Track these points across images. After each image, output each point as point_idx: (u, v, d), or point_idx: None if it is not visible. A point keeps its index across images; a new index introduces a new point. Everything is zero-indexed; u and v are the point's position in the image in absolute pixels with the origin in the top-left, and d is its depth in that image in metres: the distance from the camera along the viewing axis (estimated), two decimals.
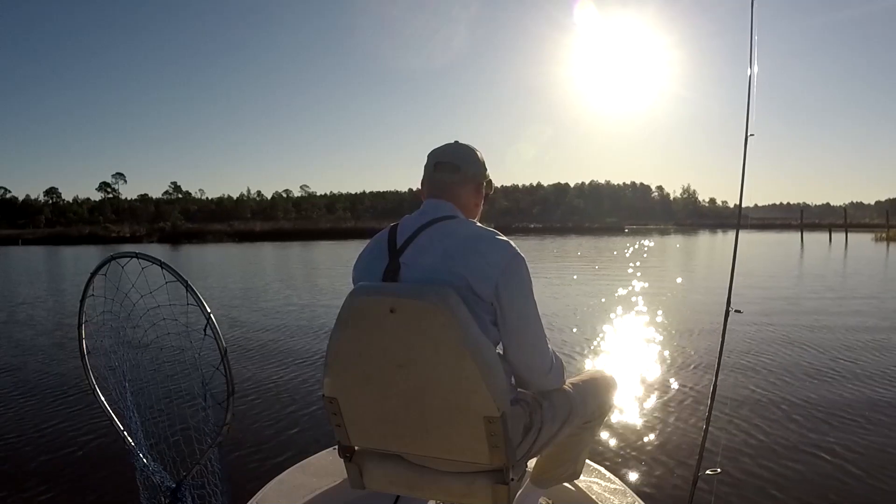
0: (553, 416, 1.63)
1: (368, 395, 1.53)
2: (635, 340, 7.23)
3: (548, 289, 12.71)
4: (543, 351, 1.54)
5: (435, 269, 1.45)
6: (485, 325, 1.44)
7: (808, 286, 13.21)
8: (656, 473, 3.37)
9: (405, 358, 1.43)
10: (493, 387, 1.38)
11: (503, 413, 1.40)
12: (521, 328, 1.48)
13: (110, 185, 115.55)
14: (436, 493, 1.61)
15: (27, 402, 4.89)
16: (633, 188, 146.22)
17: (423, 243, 1.51)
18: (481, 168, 1.71)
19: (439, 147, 1.71)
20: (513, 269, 1.46)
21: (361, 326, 1.44)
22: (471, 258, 1.44)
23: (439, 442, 1.53)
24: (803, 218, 57.92)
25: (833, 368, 5.64)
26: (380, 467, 1.65)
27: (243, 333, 7.84)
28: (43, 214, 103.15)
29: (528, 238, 47.20)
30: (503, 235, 1.52)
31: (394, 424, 1.55)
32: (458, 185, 1.65)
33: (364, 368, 1.48)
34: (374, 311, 1.41)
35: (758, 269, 16.32)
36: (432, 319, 1.35)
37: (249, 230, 60.97)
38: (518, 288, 1.47)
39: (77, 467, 3.52)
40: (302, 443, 3.85)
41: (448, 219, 1.56)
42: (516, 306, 1.46)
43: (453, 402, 1.43)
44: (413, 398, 1.47)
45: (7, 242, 51.47)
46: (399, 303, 1.38)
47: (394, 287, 1.46)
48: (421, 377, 1.43)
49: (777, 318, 8.55)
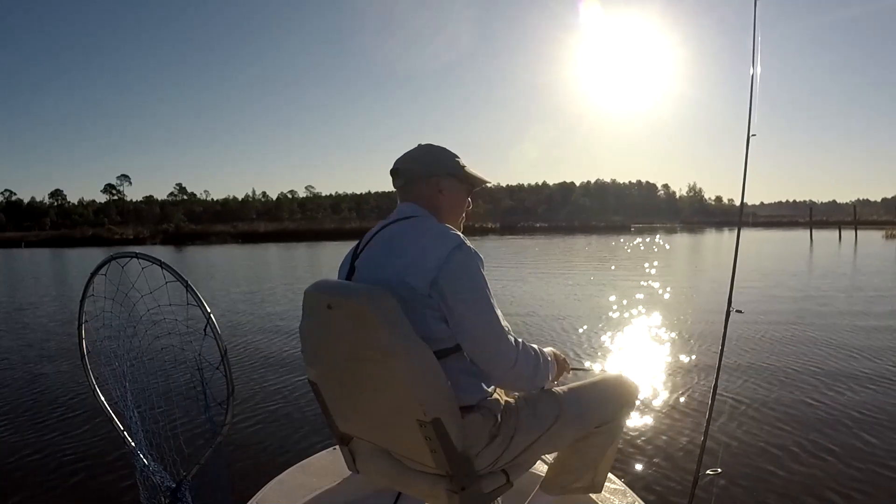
0: (531, 424, 1.56)
1: (335, 384, 1.59)
2: (637, 340, 7.22)
3: (561, 289, 12.70)
4: (500, 344, 1.46)
5: (379, 268, 1.50)
6: (427, 324, 1.41)
7: (818, 285, 13.14)
8: (656, 473, 3.36)
9: (347, 352, 1.47)
10: (420, 391, 1.35)
11: (436, 419, 1.36)
12: (472, 322, 1.43)
13: (115, 187, 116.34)
14: (411, 490, 1.62)
15: (27, 402, 4.90)
16: (638, 187, 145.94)
17: (375, 244, 1.57)
18: (426, 167, 1.65)
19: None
20: (456, 261, 1.41)
21: (310, 319, 1.54)
22: (411, 255, 1.44)
23: (396, 439, 1.55)
24: (812, 216, 57.31)
25: (834, 369, 5.62)
26: (370, 456, 1.69)
27: (243, 333, 7.85)
28: (48, 217, 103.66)
29: (535, 237, 47.05)
30: (457, 233, 1.49)
31: (361, 414, 1.60)
32: (408, 188, 1.66)
33: (323, 357, 1.57)
34: (315, 305, 1.50)
35: (767, 268, 16.28)
36: (358, 318, 1.38)
37: (253, 231, 61.10)
38: (462, 280, 1.42)
39: (77, 467, 3.53)
40: (302, 443, 3.85)
41: (407, 219, 1.57)
42: (462, 300, 1.41)
43: (390, 401, 1.43)
44: (363, 391, 1.50)
45: (10, 245, 51.61)
46: (334, 300, 1.44)
47: (331, 284, 1.52)
48: (362, 372, 1.46)
49: (779, 317, 8.52)
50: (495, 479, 1.52)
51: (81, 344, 2.32)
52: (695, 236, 49.07)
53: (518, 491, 1.88)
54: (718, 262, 21.00)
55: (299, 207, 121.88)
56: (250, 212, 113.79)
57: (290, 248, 38.21)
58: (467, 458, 1.43)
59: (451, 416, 1.39)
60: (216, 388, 2.03)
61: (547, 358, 1.61)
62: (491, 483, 1.50)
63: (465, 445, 1.43)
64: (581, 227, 72.35)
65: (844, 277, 14.69)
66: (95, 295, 2.18)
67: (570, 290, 12.54)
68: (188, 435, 2.24)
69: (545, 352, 1.63)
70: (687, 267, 19.83)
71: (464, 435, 1.42)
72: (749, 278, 13.36)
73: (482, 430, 1.47)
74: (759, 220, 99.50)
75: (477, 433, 1.46)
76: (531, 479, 1.93)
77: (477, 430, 1.46)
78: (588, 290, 12.46)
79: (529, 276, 15.84)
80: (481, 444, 1.47)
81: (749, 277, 13.57)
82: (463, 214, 1.74)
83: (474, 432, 1.45)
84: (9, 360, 6.46)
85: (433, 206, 1.63)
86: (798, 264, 18.99)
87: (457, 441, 1.40)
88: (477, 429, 1.46)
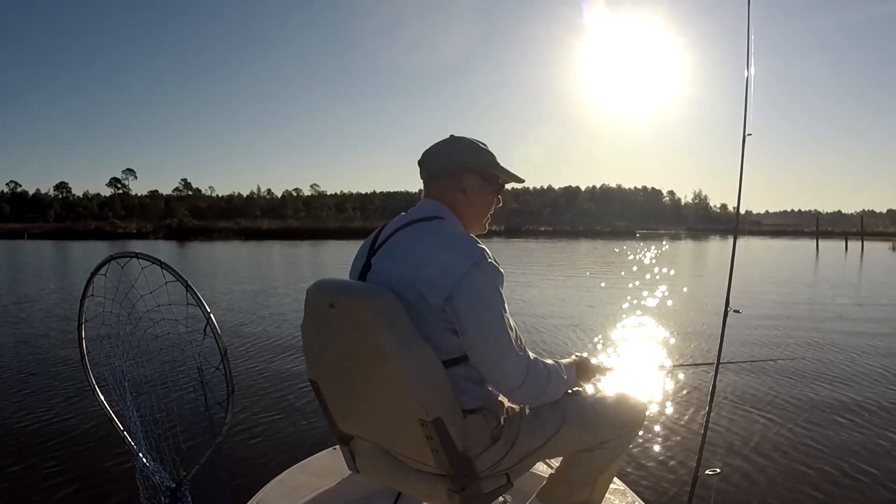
0: (534, 430, 1.54)
1: (335, 383, 1.59)
2: (639, 340, 7.22)
3: (573, 293, 12.69)
4: (509, 366, 1.41)
5: (394, 271, 1.46)
6: (437, 334, 1.40)
7: (823, 291, 13.13)
8: (656, 473, 3.36)
9: (347, 351, 1.47)
10: (421, 391, 1.35)
11: (438, 418, 1.36)
12: (481, 342, 1.39)
13: (120, 181, 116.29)
14: (411, 490, 1.62)
15: (27, 402, 4.89)
16: (644, 192, 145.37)
17: (391, 245, 1.52)
18: (449, 162, 1.57)
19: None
20: (471, 279, 1.37)
21: (312, 318, 1.55)
22: (427, 266, 1.40)
23: (396, 439, 1.55)
24: (818, 225, 56.81)
25: (834, 369, 5.61)
26: (369, 455, 1.69)
27: (244, 333, 7.84)
28: (52, 209, 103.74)
29: (539, 240, 46.78)
30: (480, 246, 1.43)
31: (361, 414, 1.59)
32: (430, 183, 1.60)
33: (324, 356, 1.57)
34: (317, 304, 1.50)
35: (771, 275, 16.26)
36: (360, 318, 1.38)
37: (256, 228, 60.85)
38: (475, 300, 1.37)
39: (77, 467, 3.53)
40: (302, 443, 3.85)
41: (427, 220, 1.52)
42: (473, 319, 1.38)
43: (390, 401, 1.43)
44: (363, 390, 1.50)
45: (13, 236, 51.65)
46: (336, 299, 1.44)
47: (333, 283, 1.51)
48: (363, 372, 1.46)
49: (780, 320, 8.52)
50: (496, 481, 1.51)
51: (81, 344, 2.32)
52: (700, 243, 48.91)
53: (518, 491, 1.88)
54: (723, 269, 20.82)
55: (304, 206, 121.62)
56: (255, 209, 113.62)
57: (294, 245, 38.16)
58: (468, 458, 1.43)
59: (453, 416, 1.39)
60: (216, 388, 2.03)
61: (561, 375, 1.56)
62: (491, 484, 1.50)
63: (466, 446, 1.42)
64: (586, 232, 72.04)
65: (852, 287, 14.71)
66: (95, 295, 2.18)
67: (582, 295, 12.54)
68: (188, 435, 2.23)
69: (563, 364, 1.59)
70: (691, 272, 19.79)
71: (465, 435, 1.42)
72: (751, 284, 13.36)
73: (484, 432, 1.46)
74: (763, 228, 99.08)
75: (478, 434, 1.45)
76: (532, 480, 1.92)
77: (478, 432, 1.45)
78: (599, 295, 12.45)
79: (539, 281, 15.84)
80: (483, 445, 1.46)
81: (751, 283, 13.57)
82: (489, 215, 1.66)
83: (476, 433, 1.44)
84: (8, 361, 6.46)
85: (455, 206, 1.57)
86: (803, 272, 18.96)
87: (458, 441, 1.40)
88: (478, 430, 1.45)
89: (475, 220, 1.62)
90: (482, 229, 1.66)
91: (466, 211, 1.59)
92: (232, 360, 1.95)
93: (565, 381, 1.57)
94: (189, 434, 2.22)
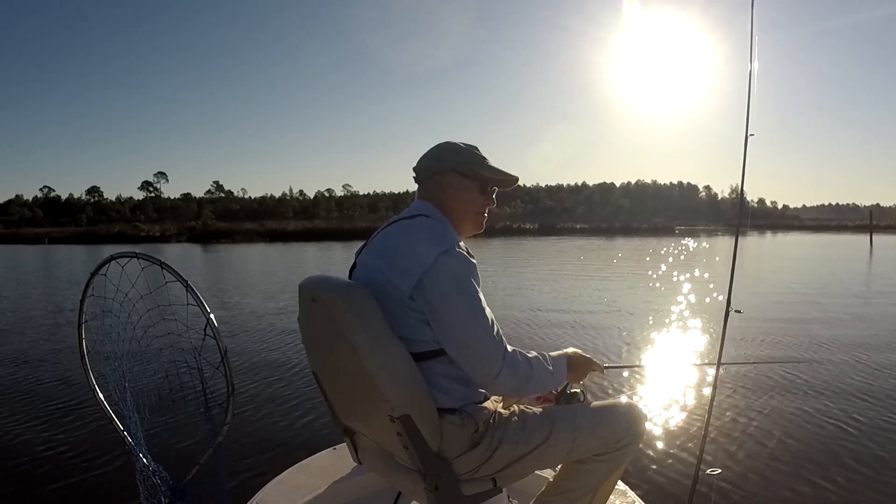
0: (518, 439, 1.51)
1: (329, 375, 1.64)
2: (644, 341, 7.22)
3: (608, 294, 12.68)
4: (485, 355, 1.41)
5: (372, 266, 1.52)
6: (410, 326, 1.42)
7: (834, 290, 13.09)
8: (656, 473, 3.36)
9: (329, 345, 1.51)
10: (388, 387, 1.37)
11: (406, 415, 1.37)
12: (454, 330, 1.40)
13: (152, 184, 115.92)
14: (398, 484, 1.64)
15: (27, 403, 4.89)
16: (679, 188, 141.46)
17: (374, 242, 1.59)
18: (431, 163, 1.64)
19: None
20: (440, 266, 1.38)
21: (303, 312, 1.60)
22: (401, 255, 1.44)
23: (378, 433, 1.57)
24: (872, 220, 51.61)
25: (835, 370, 5.61)
26: (368, 447, 1.71)
27: (243, 333, 7.84)
28: (84, 213, 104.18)
29: (575, 238, 45.26)
30: (452, 236, 1.47)
31: (349, 406, 1.64)
32: (419, 186, 1.67)
33: (316, 348, 1.63)
34: (304, 299, 1.57)
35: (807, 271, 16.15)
36: (332, 312, 1.41)
37: (282, 229, 59.22)
38: (447, 286, 1.38)
39: (77, 468, 3.52)
40: (302, 443, 3.84)
41: (411, 218, 1.57)
42: (445, 306, 1.39)
43: (364, 395, 1.46)
44: (346, 383, 1.54)
45: (35, 241, 51.22)
46: (317, 294, 1.48)
47: (316, 279, 1.55)
48: (341, 365, 1.49)
49: (782, 322, 8.53)
50: (480, 485, 1.50)
51: (81, 344, 2.32)
52: (740, 239, 47.91)
53: (522, 493, 1.88)
54: (760, 268, 19.89)
55: (336, 206, 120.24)
56: (287, 210, 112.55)
57: (318, 247, 36.08)
58: (444, 459, 1.43)
59: (423, 415, 1.40)
60: (216, 388, 2.04)
61: (546, 366, 1.53)
62: (473, 487, 1.49)
63: (441, 447, 1.43)
64: (622, 229, 68.25)
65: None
66: (95, 295, 2.18)
67: (621, 293, 12.53)
68: (188, 435, 2.24)
69: (551, 356, 1.57)
70: (725, 272, 19.60)
71: (439, 436, 1.42)
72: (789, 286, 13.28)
73: (461, 435, 1.45)
74: (804, 223, 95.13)
75: (455, 436, 1.44)
76: (535, 485, 1.91)
77: (455, 434, 1.44)
78: (630, 295, 12.45)
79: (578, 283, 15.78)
80: (460, 448, 1.45)
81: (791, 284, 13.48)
82: (477, 213, 1.64)
83: (452, 435, 1.44)
84: (8, 361, 6.46)
85: (441, 204, 1.61)
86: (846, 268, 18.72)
87: (431, 441, 1.41)
88: (454, 432, 1.44)
89: (463, 218, 1.63)
90: (477, 228, 1.65)
91: (450, 209, 1.61)
92: (232, 360, 1.95)
93: (551, 373, 1.54)
94: (189, 434, 2.22)
